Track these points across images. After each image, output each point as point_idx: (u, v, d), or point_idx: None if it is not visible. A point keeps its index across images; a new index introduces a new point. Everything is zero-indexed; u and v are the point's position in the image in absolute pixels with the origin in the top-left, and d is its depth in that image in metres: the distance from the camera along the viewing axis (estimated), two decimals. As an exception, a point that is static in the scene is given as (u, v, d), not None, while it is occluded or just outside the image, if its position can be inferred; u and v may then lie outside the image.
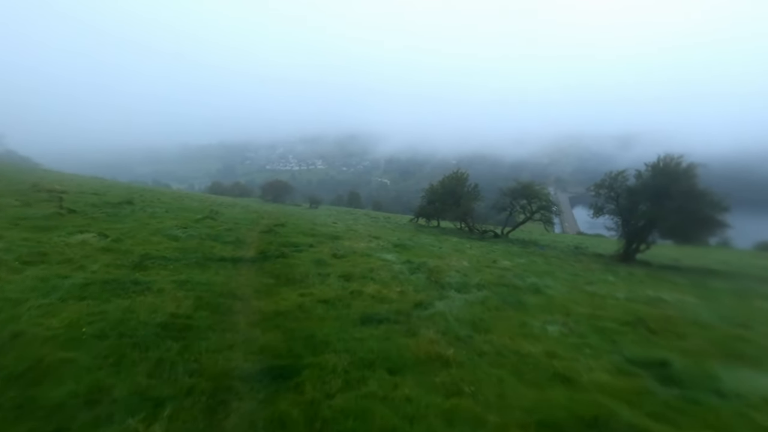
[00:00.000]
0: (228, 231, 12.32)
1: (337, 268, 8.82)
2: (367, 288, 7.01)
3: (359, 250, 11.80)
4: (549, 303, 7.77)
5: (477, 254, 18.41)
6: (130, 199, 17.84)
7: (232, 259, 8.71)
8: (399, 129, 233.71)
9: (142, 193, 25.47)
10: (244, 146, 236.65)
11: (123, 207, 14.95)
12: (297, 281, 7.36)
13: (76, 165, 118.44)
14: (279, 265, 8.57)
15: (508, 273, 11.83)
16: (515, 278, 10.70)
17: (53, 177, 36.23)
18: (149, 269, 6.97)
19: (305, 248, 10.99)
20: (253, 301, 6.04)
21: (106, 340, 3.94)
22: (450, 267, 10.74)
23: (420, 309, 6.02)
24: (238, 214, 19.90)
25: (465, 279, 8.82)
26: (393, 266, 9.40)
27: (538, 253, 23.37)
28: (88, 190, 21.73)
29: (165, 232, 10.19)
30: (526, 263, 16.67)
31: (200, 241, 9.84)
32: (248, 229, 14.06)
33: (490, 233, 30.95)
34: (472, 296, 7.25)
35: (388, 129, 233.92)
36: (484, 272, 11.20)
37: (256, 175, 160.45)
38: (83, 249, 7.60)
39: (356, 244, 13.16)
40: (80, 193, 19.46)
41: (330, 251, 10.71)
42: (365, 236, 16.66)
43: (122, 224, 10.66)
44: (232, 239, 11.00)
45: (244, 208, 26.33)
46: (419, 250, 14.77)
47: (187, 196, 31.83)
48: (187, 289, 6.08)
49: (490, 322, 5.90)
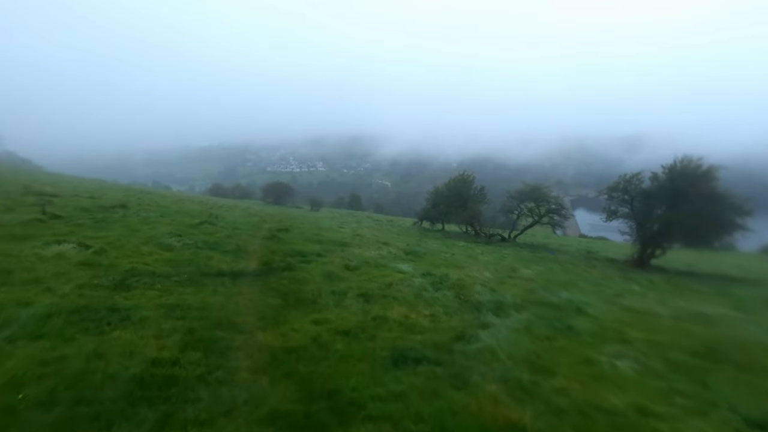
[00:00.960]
0: (228, 238, 11.14)
1: (351, 283, 7.65)
2: (392, 311, 5.84)
3: (371, 260, 10.63)
4: (599, 327, 6.61)
5: (490, 261, 17.28)
6: (124, 203, 16.65)
7: (231, 273, 7.53)
8: (403, 130, 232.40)
9: (140, 196, 24.27)
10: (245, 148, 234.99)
11: (115, 211, 13.77)
12: (308, 302, 6.18)
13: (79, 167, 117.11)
14: (286, 280, 7.39)
15: (535, 285, 10.67)
16: (546, 293, 9.55)
17: (50, 179, 35.00)
18: (133, 289, 5.79)
19: (313, 258, 9.81)
20: (258, 332, 4.86)
21: (52, 410, 2.76)
22: (474, 280, 9.58)
23: (462, 342, 4.85)
24: (238, 217, 18.72)
25: (496, 296, 7.65)
26: (413, 280, 8.23)
27: (550, 258, 22.27)
28: (83, 193, 20.53)
29: (157, 241, 9.00)
30: (544, 271, 15.54)
31: (196, 251, 8.66)
32: (250, 235, 12.89)
33: (497, 237, 29.80)
34: (514, 321, 6.08)
35: (393, 130, 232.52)
36: (508, 284, 10.05)
37: (257, 177, 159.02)
38: (57, 264, 6.41)
39: (367, 252, 12.00)
40: (73, 196, 18.27)
41: (341, 262, 9.54)
42: (374, 242, 15.50)
43: (110, 231, 9.47)
44: (232, 248, 9.82)
45: (244, 211, 25.15)
46: (433, 258, 13.60)
47: (187, 199, 30.64)
48: (176, 317, 4.90)
49: (550, 359, 4.74)
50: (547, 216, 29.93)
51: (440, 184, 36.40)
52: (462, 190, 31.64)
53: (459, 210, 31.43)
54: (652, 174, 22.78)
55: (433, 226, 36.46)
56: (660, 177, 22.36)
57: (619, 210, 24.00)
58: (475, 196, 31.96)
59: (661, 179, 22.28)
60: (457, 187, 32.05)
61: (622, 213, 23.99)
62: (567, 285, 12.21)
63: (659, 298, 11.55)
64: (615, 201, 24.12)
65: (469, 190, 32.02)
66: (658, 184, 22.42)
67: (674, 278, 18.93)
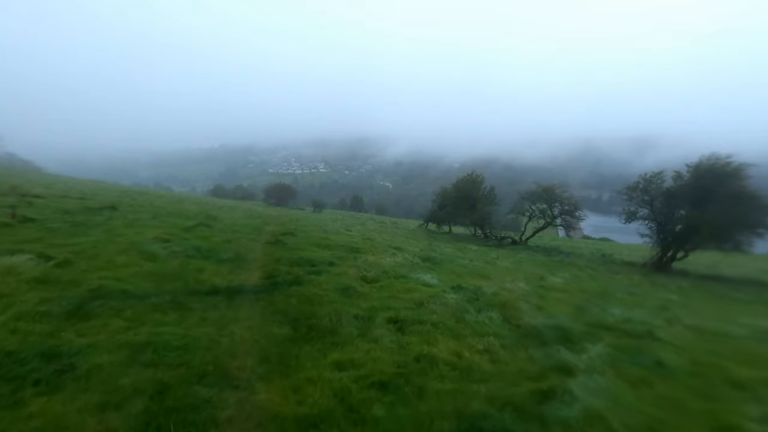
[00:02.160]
0: (225, 243, 9.63)
1: (374, 300, 6.15)
2: (437, 346, 4.34)
3: (389, 269, 9.14)
4: (689, 361, 5.10)
5: (510, 267, 15.81)
6: (114, 204, 15.14)
7: (227, 290, 6.02)
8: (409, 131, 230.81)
9: (135, 197, 22.79)
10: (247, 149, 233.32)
11: (101, 213, 12.27)
12: (325, 331, 4.68)
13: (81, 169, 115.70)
14: (294, 298, 5.88)
15: (577, 299, 9.19)
16: (596, 308, 8.07)
17: (46, 180, 33.52)
18: (93, 318, 4.29)
19: (324, 267, 8.31)
20: (259, 386, 3.36)
21: None
22: (511, 294, 8.10)
23: (552, 402, 3.34)
24: (239, 219, 17.21)
25: (550, 319, 6.14)
26: (446, 297, 6.72)
27: (567, 263, 20.85)
28: (73, 194, 19.04)
29: (141, 248, 7.49)
30: (572, 279, 14.10)
31: (185, 261, 7.15)
32: (251, 240, 11.38)
33: (508, 239, 28.32)
34: (594, 357, 4.59)
35: (399, 131, 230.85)
36: (550, 299, 8.55)
37: (259, 179, 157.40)
38: (4, 282, 4.91)
39: (382, 260, 10.50)
40: (61, 197, 16.77)
41: (357, 272, 8.03)
42: (386, 247, 14.01)
43: (86, 237, 7.96)
44: (229, 255, 8.31)
45: (246, 213, 23.65)
46: (453, 266, 12.11)
47: (186, 199, 29.14)
48: (145, 364, 3.41)
49: (675, 426, 3.27)
50: (560, 217, 28.48)
51: (445, 185, 34.97)
52: (471, 191, 30.17)
53: (467, 211, 29.97)
54: (675, 173, 21.34)
55: (440, 228, 35.01)
56: (684, 176, 20.93)
57: (639, 211, 22.58)
58: (484, 197, 30.51)
59: (685, 178, 20.84)
60: (465, 188, 30.58)
61: (642, 214, 22.58)
62: (605, 296, 10.79)
63: (715, 313, 10.12)
64: (634, 202, 22.70)
65: (478, 190, 30.57)
66: (681, 184, 20.97)
67: (703, 283, 17.48)
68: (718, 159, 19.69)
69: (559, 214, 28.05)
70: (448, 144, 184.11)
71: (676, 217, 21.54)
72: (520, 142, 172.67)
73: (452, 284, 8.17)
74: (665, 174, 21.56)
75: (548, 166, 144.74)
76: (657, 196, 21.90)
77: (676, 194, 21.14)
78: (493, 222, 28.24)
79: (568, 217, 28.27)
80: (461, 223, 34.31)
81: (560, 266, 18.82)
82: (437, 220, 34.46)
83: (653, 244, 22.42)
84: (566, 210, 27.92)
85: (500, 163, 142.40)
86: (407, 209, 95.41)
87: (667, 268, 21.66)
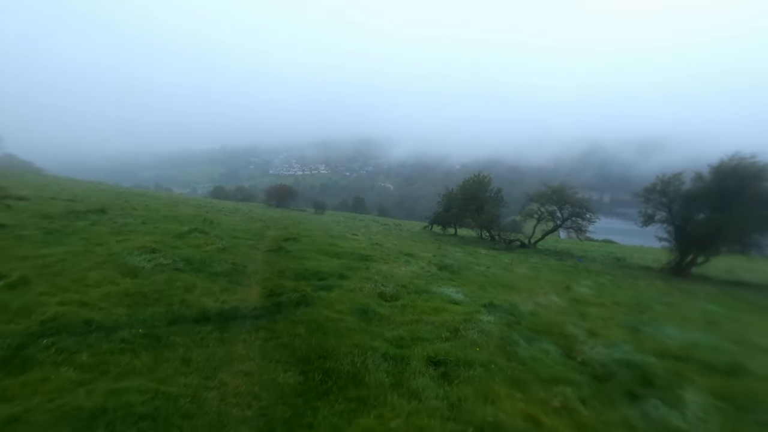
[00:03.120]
0: (221, 252, 8.43)
1: (400, 328, 4.98)
2: (500, 405, 3.18)
3: (406, 281, 7.98)
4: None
5: (528, 273, 14.68)
6: (105, 207, 13.96)
7: (219, 315, 4.83)
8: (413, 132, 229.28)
9: (130, 199, 21.58)
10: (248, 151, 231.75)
11: (87, 217, 11.08)
12: (347, 380, 3.50)
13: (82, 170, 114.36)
14: (303, 326, 4.69)
15: (621, 316, 8.00)
16: (652, 330, 6.89)
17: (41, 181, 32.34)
18: (32, 368, 3.11)
19: (335, 281, 7.14)
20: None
21: None
22: (551, 312, 6.95)
23: None
24: (238, 223, 16.01)
25: (617, 351, 4.97)
26: (481, 320, 5.54)
27: (583, 268, 19.71)
28: (64, 196, 17.84)
29: (120, 260, 6.31)
30: (597, 287, 12.93)
31: (172, 276, 5.96)
32: (250, 247, 10.19)
33: (516, 242, 27.16)
34: (703, 416, 3.42)
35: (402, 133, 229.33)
36: (593, 318, 7.36)
37: (260, 180, 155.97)
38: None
39: (396, 270, 9.33)
40: (48, 199, 15.58)
41: (372, 287, 6.84)
42: (396, 253, 12.83)
43: (58, 247, 6.78)
44: (225, 267, 7.11)
45: (246, 215, 22.45)
46: (472, 276, 10.95)
47: (184, 201, 27.92)
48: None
49: None
50: (570, 220, 27.30)
51: (450, 187, 33.78)
52: (478, 193, 28.95)
53: (474, 214, 28.77)
54: (695, 174, 20.17)
55: (445, 230, 33.76)
56: (705, 177, 19.76)
57: (657, 214, 21.41)
58: (491, 198, 29.31)
59: (706, 179, 19.68)
60: (472, 189, 29.35)
61: (660, 217, 21.42)
62: (643, 309, 9.69)
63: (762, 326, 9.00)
64: (652, 204, 21.53)
65: (485, 192, 29.36)
66: (703, 185, 19.81)
67: (729, 290, 16.32)
68: (741, 159, 18.53)
69: (569, 216, 26.88)
70: (451, 145, 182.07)
71: (696, 220, 20.38)
72: (525, 143, 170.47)
73: (481, 301, 7.00)
74: (684, 175, 20.39)
75: (552, 168, 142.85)
76: (676, 199, 20.74)
77: (696, 196, 19.98)
78: (503, 225, 27.00)
79: (579, 220, 27.07)
80: (467, 225, 33.15)
81: (577, 272, 17.68)
82: (442, 222, 33.23)
83: (671, 248, 21.26)
84: (576, 212, 26.74)
85: (504, 165, 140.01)
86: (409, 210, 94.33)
87: (686, 273, 20.51)
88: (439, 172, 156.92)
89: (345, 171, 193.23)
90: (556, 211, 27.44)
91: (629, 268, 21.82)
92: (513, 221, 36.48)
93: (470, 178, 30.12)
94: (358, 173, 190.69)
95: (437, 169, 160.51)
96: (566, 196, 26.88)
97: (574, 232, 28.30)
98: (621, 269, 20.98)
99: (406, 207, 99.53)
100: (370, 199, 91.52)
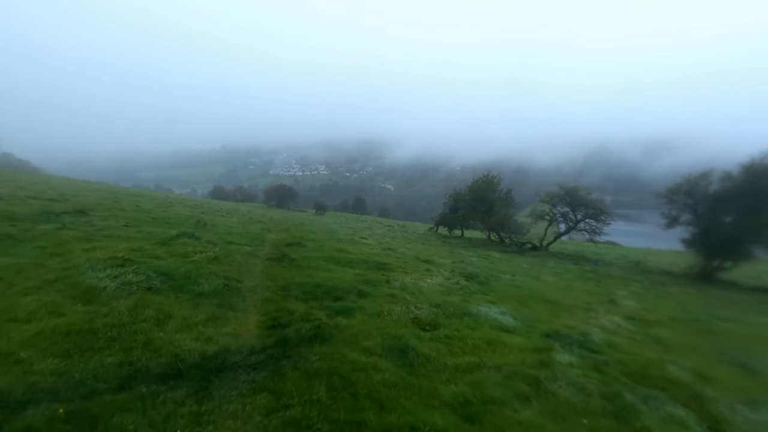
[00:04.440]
0: (212, 262, 6.85)
1: (458, 379, 3.44)
2: None
3: (437, 298, 6.44)
4: None
5: (557, 282, 13.17)
6: (86, 208, 12.36)
7: (199, 366, 3.26)
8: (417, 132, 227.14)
9: (121, 198, 19.93)
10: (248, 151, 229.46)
11: (59, 220, 9.46)
12: None
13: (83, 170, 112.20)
14: (322, 382, 3.13)
15: (699, 343, 6.46)
16: (756, 362, 5.37)
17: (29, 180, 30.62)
18: None
19: (353, 300, 5.59)
20: None
21: None
22: (630, 342, 5.42)
23: None
24: (235, 225, 14.42)
25: (754, 412, 3.48)
26: (560, 363, 4.02)
27: (602, 272, 18.23)
28: (47, 196, 16.18)
29: (76, 278, 4.74)
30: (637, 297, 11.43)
31: (142, 299, 4.38)
32: (248, 254, 8.62)
33: (527, 245, 25.65)
34: None
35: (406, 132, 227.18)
36: (675, 346, 5.83)
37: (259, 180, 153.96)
38: None
39: (421, 282, 7.78)
40: (28, 199, 13.94)
41: (402, 310, 5.29)
42: (413, 260, 11.26)
43: (2, 259, 5.21)
44: (214, 285, 5.52)
45: (244, 216, 20.84)
46: (504, 287, 9.41)
47: (180, 202, 26.29)
48: None
49: None
50: (584, 222, 25.82)
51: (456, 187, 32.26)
52: (487, 193, 27.40)
53: (484, 215, 27.23)
54: (723, 173, 18.72)
55: (451, 232, 32.21)
56: (735, 177, 18.31)
57: (682, 216, 19.95)
58: (500, 199, 27.77)
59: (737, 179, 18.22)
60: (481, 190, 27.79)
61: (684, 220, 19.96)
62: (710, 329, 8.21)
63: None
64: (676, 206, 20.06)
65: (494, 192, 27.82)
66: (732, 186, 18.35)
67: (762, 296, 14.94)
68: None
69: (583, 218, 25.40)
70: (455, 146, 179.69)
71: (724, 223, 18.93)
72: (529, 145, 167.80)
73: (540, 327, 5.47)
74: (714, 174, 18.93)
75: (557, 169, 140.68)
76: (702, 200, 19.28)
77: (725, 197, 18.52)
78: (515, 227, 25.44)
79: (593, 222, 25.56)
80: (473, 226, 31.66)
81: (602, 278, 16.19)
82: (448, 223, 31.69)
83: (695, 252, 19.82)
84: (591, 214, 25.24)
85: (507, 166, 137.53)
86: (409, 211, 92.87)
87: (713, 278, 19.04)
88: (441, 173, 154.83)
89: (345, 171, 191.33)
90: (569, 213, 26.01)
91: (650, 273, 20.34)
92: (515, 222, 35.12)
93: (479, 178, 28.56)
94: (359, 174, 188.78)
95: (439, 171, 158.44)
96: (580, 197, 25.39)
97: (588, 234, 26.83)
98: (642, 274, 19.48)
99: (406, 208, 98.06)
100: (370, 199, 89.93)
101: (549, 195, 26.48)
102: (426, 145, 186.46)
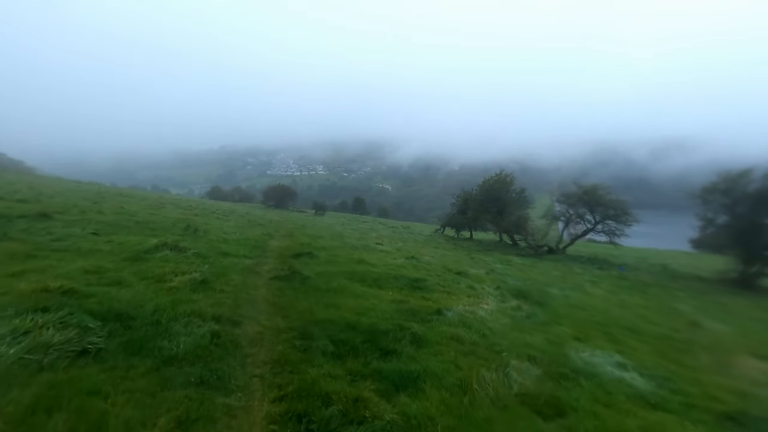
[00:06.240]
0: (198, 289, 4.79)
1: None
2: None
3: (511, 336, 4.48)
4: None
5: (611, 298, 11.19)
6: (52, 210, 10.21)
7: None
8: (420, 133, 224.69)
9: (107, 199, 17.73)
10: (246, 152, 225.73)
11: (12, 224, 7.36)
12: None
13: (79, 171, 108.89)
14: None
15: None
16: None
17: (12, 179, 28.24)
18: None
19: (411, 356, 3.62)
20: None
21: None
22: None
23: None
24: (232, 230, 12.31)
25: None
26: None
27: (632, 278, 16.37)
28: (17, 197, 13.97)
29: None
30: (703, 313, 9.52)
31: (53, 385, 2.37)
32: (247, 271, 6.57)
33: (544, 248, 23.74)
34: None
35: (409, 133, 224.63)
36: None
37: (257, 180, 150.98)
38: None
39: (475, 308, 5.79)
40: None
41: (494, 375, 3.34)
42: (446, 272, 9.25)
43: None
44: (196, 337, 3.43)
45: (242, 218, 18.70)
46: (566, 310, 7.43)
47: (174, 202, 24.07)
48: None
49: None
50: (603, 223, 23.97)
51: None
52: (500, 193, 25.44)
53: (497, 216, 25.27)
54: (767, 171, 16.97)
55: (458, 234, 30.24)
56: (780, 175, 16.54)
57: (718, 217, 18.16)
58: (514, 200, 25.82)
59: (783, 178, 16.46)
60: (493, 190, 25.83)
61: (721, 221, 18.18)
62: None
63: None
64: (712, 206, 18.26)
65: (508, 192, 25.87)
66: (776, 184, 16.60)
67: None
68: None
69: (602, 219, 23.54)
70: (455, 147, 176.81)
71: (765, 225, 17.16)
72: (534, 146, 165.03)
73: (691, 396, 3.53)
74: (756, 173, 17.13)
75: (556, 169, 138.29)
76: (740, 200, 17.49)
77: (767, 197, 16.76)
78: (533, 229, 23.46)
79: (613, 223, 23.68)
80: (482, 228, 29.71)
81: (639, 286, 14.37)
82: (456, 225, 29.74)
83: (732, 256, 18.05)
84: (611, 214, 23.37)
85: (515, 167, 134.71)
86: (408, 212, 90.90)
87: (753, 285, 17.26)
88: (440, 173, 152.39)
89: (343, 172, 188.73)
90: (586, 213, 24.16)
91: (683, 279, 18.48)
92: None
93: (491, 177, 26.60)
94: (357, 174, 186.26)
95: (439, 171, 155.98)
96: (599, 197, 23.53)
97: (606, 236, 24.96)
98: (676, 281, 17.62)
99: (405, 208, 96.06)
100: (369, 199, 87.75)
101: (566, 195, 24.62)
102: (427, 146, 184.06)
